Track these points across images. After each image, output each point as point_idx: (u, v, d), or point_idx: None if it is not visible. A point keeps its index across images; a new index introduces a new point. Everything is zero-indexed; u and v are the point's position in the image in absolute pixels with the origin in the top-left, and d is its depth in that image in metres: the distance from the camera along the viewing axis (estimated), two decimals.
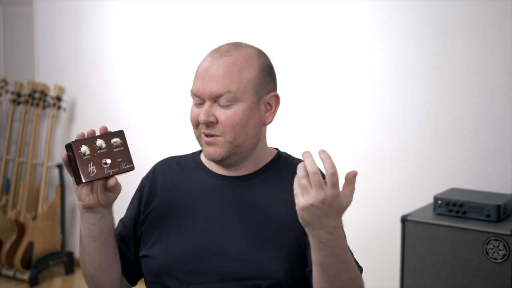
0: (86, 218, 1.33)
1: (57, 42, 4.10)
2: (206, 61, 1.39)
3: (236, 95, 1.34)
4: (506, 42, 2.57)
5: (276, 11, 3.18)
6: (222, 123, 1.34)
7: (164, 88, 3.65)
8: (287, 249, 1.34)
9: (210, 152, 1.36)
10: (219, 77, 1.34)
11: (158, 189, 1.45)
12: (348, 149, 3.00)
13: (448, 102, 2.73)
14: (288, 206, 1.34)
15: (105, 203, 1.31)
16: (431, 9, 2.74)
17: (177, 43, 3.55)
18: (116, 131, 1.30)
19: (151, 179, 1.48)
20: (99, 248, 1.36)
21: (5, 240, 3.91)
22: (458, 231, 2.19)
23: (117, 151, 1.29)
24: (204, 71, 1.37)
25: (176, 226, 1.39)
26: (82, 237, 1.37)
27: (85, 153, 1.25)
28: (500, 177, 2.62)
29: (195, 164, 1.48)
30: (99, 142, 1.27)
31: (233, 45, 1.40)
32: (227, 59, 1.36)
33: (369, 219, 2.95)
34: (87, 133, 1.29)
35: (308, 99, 3.10)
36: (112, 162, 1.27)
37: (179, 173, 1.47)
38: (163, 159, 1.54)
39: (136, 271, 1.45)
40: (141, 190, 1.48)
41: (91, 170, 1.25)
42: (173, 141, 3.57)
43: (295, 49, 3.12)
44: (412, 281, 2.29)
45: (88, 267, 1.39)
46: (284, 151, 1.51)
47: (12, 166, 4.14)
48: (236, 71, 1.35)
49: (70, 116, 4.11)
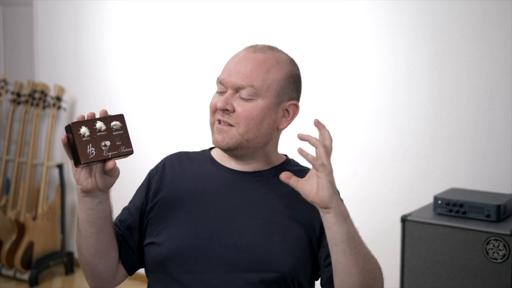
0: (84, 202, 1.33)
1: (57, 42, 4.10)
2: (239, 54, 1.43)
3: (258, 91, 1.38)
4: (506, 42, 2.57)
5: (276, 11, 3.18)
6: (239, 114, 1.37)
7: (164, 88, 3.65)
8: (293, 245, 1.36)
9: (219, 139, 1.39)
10: (246, 70, 1.38)
11: (168, 180, 1.47)
12: (348, 149, 3.00)
13: (448, 102, 2.73)
14: (295, 204, 1.39)
15: (103, 187, 1.31)
16: (431, 9, 2.74)
17: (177, 43, 3.55)
18: (116, 115, 1.30)
19: (160, 170, 1.50)
20: (96, 233, 1.36)
21: (5, 240, 3.91)
22: (458, 231, 2.19)
23: (117, 134, 1.28)
24: (234, 62, 1.41)
25: (184, 216, 1.40)
26: (79, 222, 1.37)
27: (85, 134, 1.24)
28: (500, 177, 2.62)
29: (205, 158, 1.50)
30: (99, 124, 1.26)
31: (269, 46, 1.46)
32: (259, 56, 1.40)
33: (369, 219, 2.95)
34: (87, 115, 1.29)
35: (308, 99, 3.10)
36: (112, 144, 1.26)
37: (189, 165, 1.50)
38: (173, 153, 1.55)
39: (136, 259, 1.46)
40: (149, 180, 1.49)
41: (90, 151, 1.24)
42: (173, 141, 3.57)
43: (295, 49, 3.11)
44: (412, 281, 2.29)
45: (84, 252, 1.39)
46: (293, 158, 1.55)
47: (12, 166, 4.14)
48: (265, 69, 1.39)
49: (70, 116, 4.11)
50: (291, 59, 1.49)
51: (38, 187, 3.98)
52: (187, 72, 3.54)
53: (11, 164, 4.20)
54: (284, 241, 1.36)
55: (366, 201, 2.96)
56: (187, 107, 3.53)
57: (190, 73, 3.52)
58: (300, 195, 1.30)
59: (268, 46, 1.46)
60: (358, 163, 2.98)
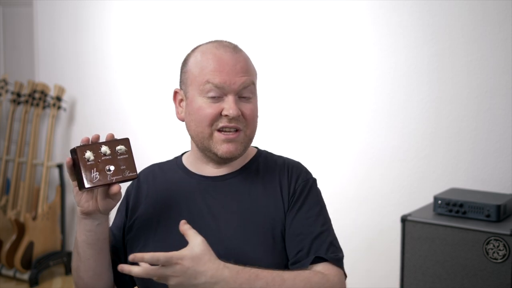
0: (84, 224, 1.33)
1: (57, 42, 4.10)
2: (221, 55, 1.36)
3: (255, 87, 1.39)
4: (506, 42, 2.57)
5: (276, 11, 3.18)
6: (247, 116, 1.35)
7: (164, 88, 3.65)
8: (274, 241, 1.35)
9: (232, 149, 1.36)
10: (244, 68, 1.37)
11: (143, 197, 1.46)
12: (348, 149, 3.00)
13: (448, 102, 2.73)
14: (269, 200, 1.38)
15: (104, 210, 1.31)
16: (431, 9, 2.74)
17: (177, 43, 3.55)
18: (122, 139, 1.30)
19: (135, 187, 1.48)
20: (95, 255, 1.35)
21: (5, 240, 3.91)
22: (458, 231, 2.19)
23: (122, 158, 1.28)
24: (226, 63, 1.35)
25: (162, 230, 1.39)
26: (78, 245, 1.36)
27: (89, 158, 1.25)
28: (500, 177, 2.62)
29: (177, 168, 1.48)
30: (104, 149, 1.27)
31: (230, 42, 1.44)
32: (241, 53, 1.40)
33: (369, 219, 2.95)
34: (91, 137, 1.28)
35: (308, 99, 3.10)
36: (116, 169, 1.27)
37: (162, 178, 1.48)
38: (146, 167, 1.54)
39: (128, 279, 1.44)
40: (127, 198, 1.48)
41: (94, 176, 1.25)
42: (173, 141, 3.56)
43: (295, 49, 3.12)
44: (412, 281, 2.29)
45: (82, 275, 1.38)
46: (264, 149, 1.52)
47: (12, 166, 4.14)
48: (251, 65, 1.40)
49: (70, 116, 4.11)
50: None
51: (38, 187, 3.98)
52: None
53: (11, 164, 4.20)
54: (263, 241, 1.34)
55: (366, 201, 2.96)
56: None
57: None
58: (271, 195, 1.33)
59: (229, 42, 1.45)
60: (358, 163, 2.98)
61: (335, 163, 3.04)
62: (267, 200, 1.38)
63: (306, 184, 1.41)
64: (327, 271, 1.30)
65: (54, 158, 4.13)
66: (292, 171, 1.43)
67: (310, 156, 3.02)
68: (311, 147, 3.09)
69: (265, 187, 1.40)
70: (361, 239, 2.95)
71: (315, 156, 3.05)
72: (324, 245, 1.33)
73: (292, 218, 1.37)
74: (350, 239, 2.95)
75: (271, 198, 1.38)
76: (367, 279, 2.94)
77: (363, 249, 2.96)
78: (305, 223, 1.36)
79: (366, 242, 2.96)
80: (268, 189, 1.40)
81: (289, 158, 1.48)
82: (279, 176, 1.42)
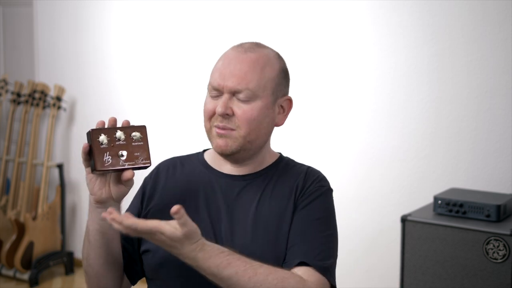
0: (96, 213, 1.33)
1: (57, 42, 4.10)
2: (229, 54, 1.40)
3: (255, 92, 1.36)
4: (506, 42, 2.57)
5: (276, 11, 3.18)
6: (239, 117, 1.35)
7: (164, 88, 3.65)
8: (284, 247, 1.35)
9: (221, 144, 1.37)
10: (241, 72, 1.36)
11: (160, 187, 1.46)
12: (348, 149, 3.00)
13: (448, 102, 2.73)
14: (282, 205, 1.38)
15: (117, 197, 1.31)
16: (431, 9, 2.74)
17: (177, 43, 3.55)
18: (139, 126, 1.30)
19: (154, 177, 1.49)
20: (107, 243, 1.36)
21: (5, 240, 3.91)
22: (458, 231, 2.19)
23: (136, 145, 1.28)
24: (226, 65, 1.38)
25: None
26: (90, 233, 1.36)
27: (103, 142, 1.24)
28: (500, 177, 2.62)
29: (198, 163, 1.49)
30: (119, 134, 1.26)
31: (256, 44, 1.43)
32: (251, 55, 1.38)
33: (369, 219, 2.95)
34: (108, 120, 1.29)
35: (308, 99, 3.10)
36: (129, 155, 1.26)
37: (182, 171, 1.48)
38: (167, 159, 1.54)
39: (138, 269, 1.45)
40: (143, 188, 1.49)
41: (106, 159, 1.24)
42: (173, 141, 3.57)
43: (295, 49, 3.12)
44: (412, 281, 2.29)
45: (92, 263, 1.38)
46: (287, 156, 1.53)
47: (12, 166, 4.14)
48: (259, 68, 1.37)
49: (70, 116, 4.11)
50: (278, 53, 1.46)
51: (38, 187, 3.98)
52: (187, 72, 3.54)
53: (11, 164, 4.20)
54: (275, 244, 1.35)
55: (366, 201, 2.96)
56: (187, 108, 3.52)
57: (191, 73, 3.52)
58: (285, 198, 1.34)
59: (255, 43, 1.43)
60: (358, 163, 2.98)
61: (335, 163, 3.04)
62: (281, 203, 1.38)
63: (318, 189, 1.41)
64: (308, 277, 1.28)
65: (54, 158, 4.12)
66: (309, 176, 1.44)
67: (310, 156, 3.02)
68: (311, 147, 3.09)
69: (280, 190, 1.40)
70: (361, 239, 2.95)
71: (315, 156, 3.05)
72: (315, 250, 1.32)
73: (295, 216, 1.37)
74: (350, 239, 2.95)
75: (284, 200, 1.39)
76: (367, 279, 2.95)
77: (363, 249, 2.96)
78: (304, 223, 1.36)
79: (366, 242, 2.96)
80: (283, 192, 1.41)
81: (311, 167, 1.48)
82: (295, 181, 1.42)
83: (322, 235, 1.35)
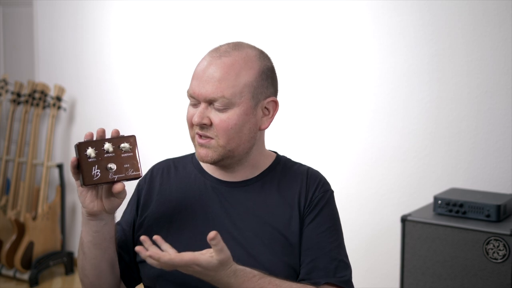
0: (90, 225, 1.31)
1: (57, 42, 4.10)
2: (204, 61, 1.36)
3: (231, 100, 1.31)
4: (506, 42, 2.57)
5: (276, 11, 3.18)
6: (216, 126, 1.32)
7: (164, 88, 3.65)
8: (283, 255, 1.34)
9: (202, 154, 1.35)
10: (215, 79, 1.31)
11: (155, 193, 1.44)
12: (348, 149, 3.00)
13: (448, 102, 2.73)
14: (286, 210, 1.37)
15: (109, 209, 1.29)
16: (431, 9, 2.74)
17: (177, 43, 3.55)
18: (127, 136, 1.27)
19: (148, 182, 1.47)
20: (101, 254, 1.34)
21: (5, 240, 3.91)
22: (458, 231, 2.19)
23: (125, 156, 1.25)
24: (201, 72, 1.34)
25: (173, 231, 1.38)
26: (84, 245, 1.34)
27: (90, 155, 1.22)
28: (500, 177, 2.62)
29: (193, 167, 1.46)
30: (107, 146, 1.23)
31: (233, 46, 1.37)
32: (225, 60, 1.32)
33: (369, 219, 2.95)
34: (96, 131, 1.26)
35: (308, 99, 3.10)
36: (118, 167, 1.23)
37: (176, 176, 1.46)
38: (160, 162, 1.52)
39: (136, 276, 1.43)
40: (138, 193, 1.46)
41: (95, 173, 1.22)
42: (173, 141, 3.56)
43: (295, 49, 3.12)
44: (412, 281, 2.29)
45: (88, 274, 1.37)
46: (283, 155, 1.50)
47: (12, 166, 4.14)
48: (234, 74, 1.31)
49: (70, 116, 4.11)
50: (260, 52, 1.38)
51: (38, 187, 3.98)
52: (187, 72, 3.54)
53: (11, 164, 4.20)
54: (273, 252, 1.34)
55: (366, 201, 2.96)
56: (186, 108, 3.52)
57: (190, 74, 3.51)
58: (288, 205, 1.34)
59: (232, 45, 1.36)
60: (358, 163, 2.98)
61: (335, 163, 3.04)
62: (284, 209, 1.37)
63: (323, 196, 1.40)
64: None
65: (54, 158, 4.13)
66: (311, 180, 1.41)
67: (311, 156, 3.02)
68: (311, 147, 3.10)
69: (282, 196, 1.39)
70: (361, 239, 2.95)
71: (315, 156, 3.05)
72: (333, 263, 1.34)
73: (305, 229, 1.37)
74: (350, 239, 2.94)
75: (287, 207, 1.38)
76: (367, 279, 2.95)
77: (363, 249, 2.96)
78: (317, 237, 1.36)
79: (366, 242, 2.96)
80: (285, 198, 1.39)
81: (309, 166, 1.46)
82: (296, 185, 1.41)
83: (335, 245, 1.37)
